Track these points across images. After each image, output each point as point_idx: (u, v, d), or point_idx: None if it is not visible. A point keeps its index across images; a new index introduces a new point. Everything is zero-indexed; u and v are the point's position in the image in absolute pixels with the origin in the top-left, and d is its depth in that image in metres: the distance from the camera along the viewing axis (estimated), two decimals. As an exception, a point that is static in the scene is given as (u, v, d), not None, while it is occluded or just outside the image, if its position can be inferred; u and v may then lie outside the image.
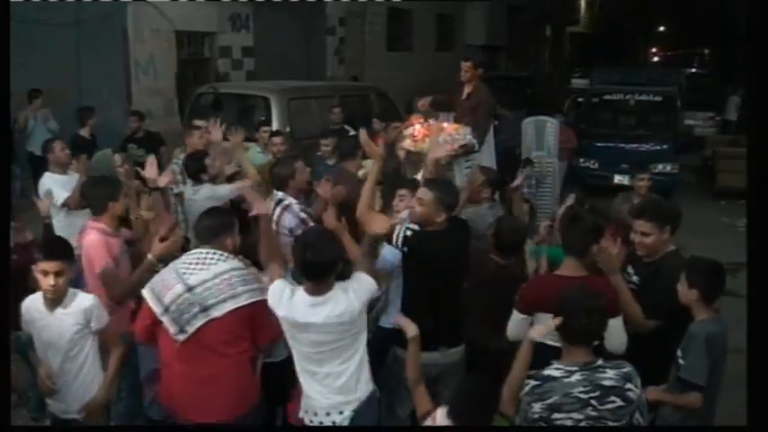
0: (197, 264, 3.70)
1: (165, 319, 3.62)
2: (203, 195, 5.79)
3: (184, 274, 3.67)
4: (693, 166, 14.79)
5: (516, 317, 4.11)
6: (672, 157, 12.59)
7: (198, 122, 7.13)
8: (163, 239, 4.25)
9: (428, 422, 3.33)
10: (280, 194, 5.13)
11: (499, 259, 4.56)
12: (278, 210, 5.04)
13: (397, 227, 4.16)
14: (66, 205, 5.77)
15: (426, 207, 4.14)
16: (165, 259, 4.13)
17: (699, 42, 38.49)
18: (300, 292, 3.53)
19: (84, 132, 9.10)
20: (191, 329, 3.59)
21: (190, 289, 3.61)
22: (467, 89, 6.52)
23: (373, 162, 4.75)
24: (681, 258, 4.22)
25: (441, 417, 3.17)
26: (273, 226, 4.99)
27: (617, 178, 12.29)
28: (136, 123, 9.55)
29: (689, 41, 39.50)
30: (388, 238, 4.13)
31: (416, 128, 5.71)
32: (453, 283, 4.29)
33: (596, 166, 12.67)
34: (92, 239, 4.36)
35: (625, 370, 3.12)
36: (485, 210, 5.32)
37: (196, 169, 5.96)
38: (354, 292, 3.58)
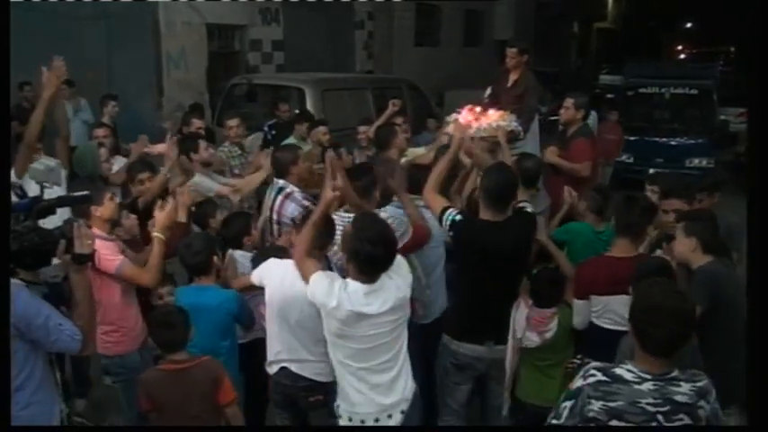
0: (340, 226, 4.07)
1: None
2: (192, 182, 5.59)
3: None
4: (726, 162, 14.52)
5: (577, 304, 4.06)
6: (707, 152, 12.39)
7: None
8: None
9: (515, 307, 4.12)
10: (281, 182, 4.98)
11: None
12: (279, 198, 4.90)
13: (449, 210, 4.04)
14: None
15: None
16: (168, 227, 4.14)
17: (726, 39, 38.03)
18: (353, 282, 3.36)
19: (106, 120, 9.03)
20: None
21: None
22: (512, 76, 6.40)
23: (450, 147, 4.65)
24: None
25: (525, 301, 4.11)
26: (274, 215, 4.90)
27: (652, 172, 12.11)
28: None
29: (716, 38, 39.04)
30: (439, 219, 4.07)
31: (462, 113, 5.58)
32: (504, 276, 4.10)
33: (631, 160, 12.48)
34: None
35: (700, 384, 2.73)
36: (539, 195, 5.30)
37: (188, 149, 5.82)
38: (398, 276, 3.45)
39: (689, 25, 47.38)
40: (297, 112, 8.79)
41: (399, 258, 3.53)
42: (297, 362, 3.79)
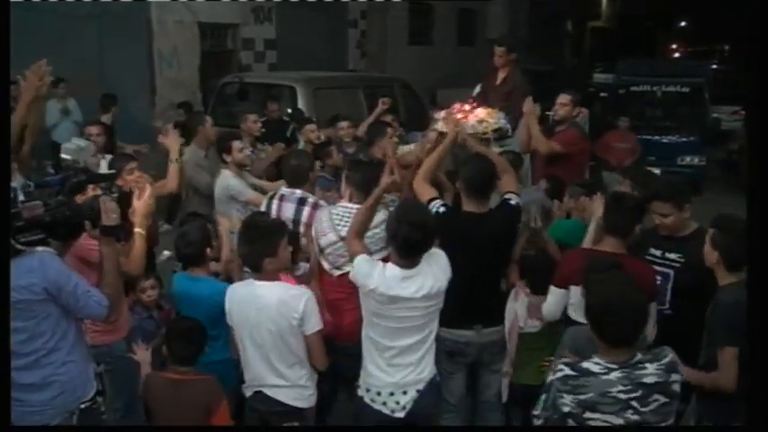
0: (349, 217, 4.09)
1: (320, 258, 4.26)
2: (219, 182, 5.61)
3: (338, 225, 4.19)
4: (719, 160, 14.55)
5: (554, 292, 4.04)
6: (699, 150, 12.43)
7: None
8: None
9: (513, 297, 4.31)
10: (298, 192, 4.77)
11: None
12: (306, 209, 4.69)
13: (433, 202, 4.14)
14: None
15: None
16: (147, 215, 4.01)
17: (720, 37, 38.13)
18: (391, 266, 3.52)
19: (107, 119, 9.05)
20: (344, 270, 4.09)
21: (342, 239, 4.09)
22: (500, 74, 6.44)
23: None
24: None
25: (522, 290, 4.29)
26: (301, 228, 4.66)
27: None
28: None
29: (710, 37, 39.14)
30: None
31: (451, 110, 5.59)
32: (488, 266, 4.22)
33: (623, 157, 12.50)
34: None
35: (667, 360, 2.79)
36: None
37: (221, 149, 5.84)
38: (438, 266, 3.59)
39: (683, 24, 47.44)
40: (288, 110, 8.82)
41: (439, 251, 3.66)
42: (270, 387, 3.75)
